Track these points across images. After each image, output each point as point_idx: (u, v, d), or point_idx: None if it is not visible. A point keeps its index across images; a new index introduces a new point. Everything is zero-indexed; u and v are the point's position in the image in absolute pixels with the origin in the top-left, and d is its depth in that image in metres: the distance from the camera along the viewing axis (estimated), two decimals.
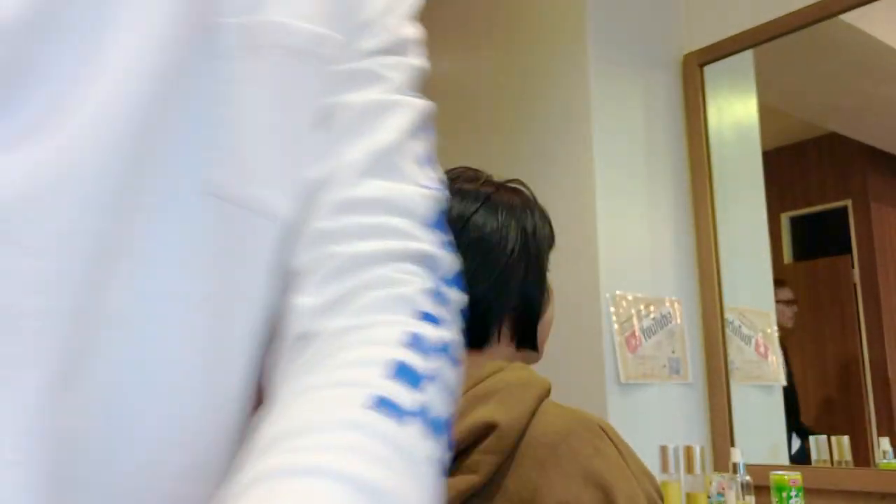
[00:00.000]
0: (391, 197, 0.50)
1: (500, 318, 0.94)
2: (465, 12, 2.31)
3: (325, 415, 0.41)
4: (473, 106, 2.23)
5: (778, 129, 2.30)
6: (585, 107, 1.93)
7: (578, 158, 1.92)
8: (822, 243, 2.25)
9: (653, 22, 2.14)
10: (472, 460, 0.82)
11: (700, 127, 2.11)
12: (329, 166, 0.50)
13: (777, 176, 2.22)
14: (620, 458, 0.84)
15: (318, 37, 0.50)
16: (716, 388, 1.99)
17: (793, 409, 2.10)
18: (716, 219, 2.07)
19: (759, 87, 2.21)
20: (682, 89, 2.16)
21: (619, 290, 1.87)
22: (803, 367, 2.14)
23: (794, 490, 1.61)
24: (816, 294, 2.19)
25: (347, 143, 0.51)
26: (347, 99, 0.52)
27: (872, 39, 2.02)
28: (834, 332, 2.13)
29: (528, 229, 0.96)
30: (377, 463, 0.39)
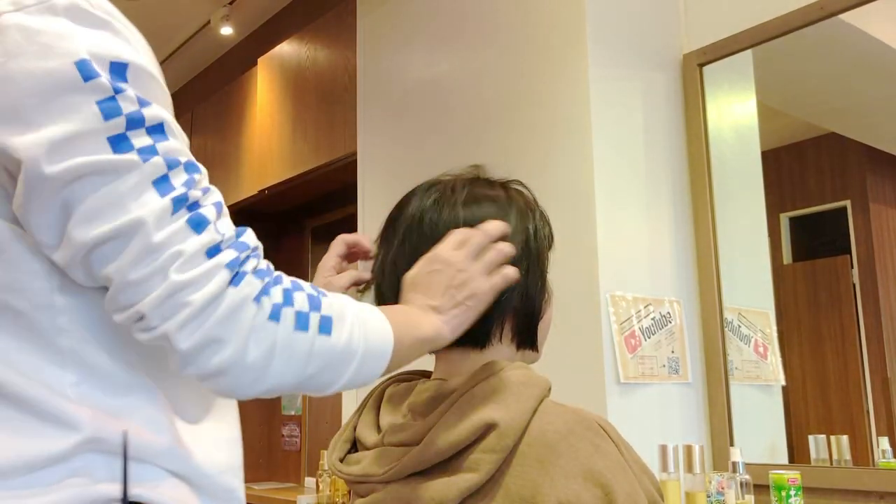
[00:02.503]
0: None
1: (500, 318, 0.94)
2: (465, 13, 2.31)
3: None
4: (473, 106, 2.23)
5: (777, 130, 2.30)
6: (584, 107, 1.93)
7: (578, 158, 1.92)
8: (821, 243, 2.26)
9: (652, 22, 2.14)
10: (472, 459, 0.82)
11: (699, 127, 2.11)
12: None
13: (776, 176, 2.23)
14: (621, 456, 0.84)
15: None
16: (715, 388, 2.00)
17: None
18: (715, 219, 2.07)
19: (759, 87, 2.21)
20: (681, 89, 2.16)
21: (618, 291, 1.87)
22: (802, 367, 2.14)
23: (794, 489, 1.61)
24: (816, 294, 2.19)
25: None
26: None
27: (872, 39, 2.02)
28: (833, 332, 2.13)
29: (529, 230, 0.96)
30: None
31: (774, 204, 2.20)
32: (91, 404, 0.67)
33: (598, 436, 0.85)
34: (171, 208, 0.63)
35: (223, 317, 0.63)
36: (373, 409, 0.97)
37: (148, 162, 0.63)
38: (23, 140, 0.61)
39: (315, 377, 0.69)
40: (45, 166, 0.60)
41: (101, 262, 0.63)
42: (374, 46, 2.66)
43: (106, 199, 0.61)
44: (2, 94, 0.61)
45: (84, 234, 0.62)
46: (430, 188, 0.97)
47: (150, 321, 0.63)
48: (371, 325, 0.73)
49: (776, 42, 2.00)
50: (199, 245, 0.63)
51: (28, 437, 0.65)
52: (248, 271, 0.65)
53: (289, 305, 0.67)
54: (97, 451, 0.67)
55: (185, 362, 0.64)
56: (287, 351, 0.66)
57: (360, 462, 0.91)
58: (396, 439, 0.88)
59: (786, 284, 2.23)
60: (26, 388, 0.66)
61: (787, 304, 2.20)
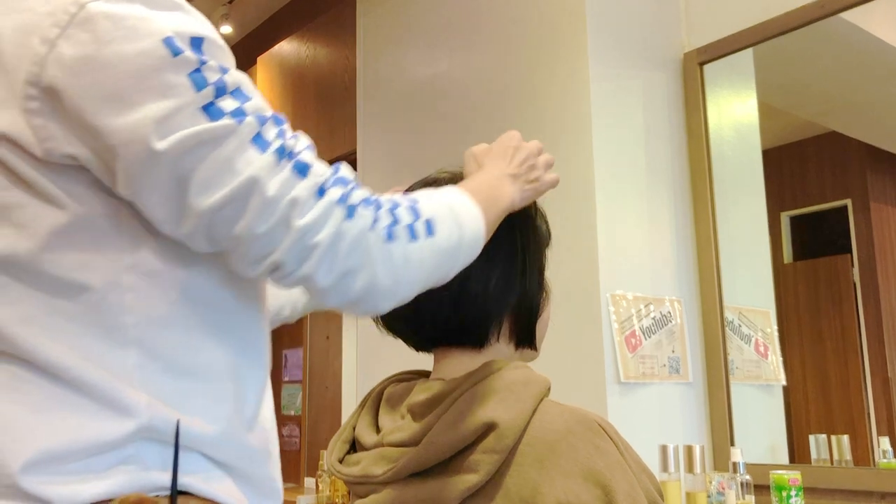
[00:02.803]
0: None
1: (499, 318, 0.93)
2: (465, 11, 2.30)
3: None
4: (473, 104, 2.22)
5: (778, 128, 2.30)
6: (585, 106, 1.92)
7: (578, 157, 1.92)
8: (821, 242, 2.25)
9: (653, 21, 2.13)
10: (472, 459, 0.82)
11: (700, 126, 2.10)
12: None
13: (777, 175, 2.22)
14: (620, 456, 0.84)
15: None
16: (715, 388, 1.99)
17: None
18: (715, 218, 2.06)
19: (759, 85, 2.21)
20: (681, 88, 2.16)
21: (618, 290, 1.87)
22: (803, 367, 2.14)
23: (794, 489, 1.61)
24: (816, 293, 2.19)
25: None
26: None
27: (872, 38, 2.02)
28: (834, 332, 2.13)
29: (527, 228, 0.96)
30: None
31: (775, 203, 2.19)
32: (148, 390, 0.68)
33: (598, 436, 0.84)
34: (276, 160, 0.67)
35: (350, 249, 0.69)
36: (371, 410, 0.97)
37: (242, 123, 0.66)
38: (126, 121, 0.63)
39: (434, 273, 0.77)
40: (155, 143, 0.63)
41: (225, 225, 0.66)
42: (374, 45, 2.66)
43: (215, 165, 0.65)
44: (100, 78, 0.63)
45: (204, 202, 0.65)
46: (426, 186, 0.97)
47: (287, 267, 0.68)
48: (462, 213, 0.80)
49: (777, 41, 1.99)
50: (307, 188, 0.67)
51: (85, 422, 0.66)
52: (357, 203, 0.70)
53: (397, 224, 0.73)
54: (150, 440, 0.68)
55: (327, 296, 0.70)
56: (408, 262, 0.73)
57: (360, 463, 0.90)
58: (395, 440, 0.88)
59: (786, 283, 2.23)
60: (88, 371, 0.67)
61: (787, 304, 2.19)
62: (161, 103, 0.63)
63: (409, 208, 0.75)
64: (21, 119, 0.64)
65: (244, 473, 0.74)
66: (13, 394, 0.66)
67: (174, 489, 0.68)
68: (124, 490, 0.66)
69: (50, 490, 0.64)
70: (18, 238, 0.66)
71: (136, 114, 0.63)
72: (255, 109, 0.68)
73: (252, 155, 0.66)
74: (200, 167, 0.64)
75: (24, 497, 0.64)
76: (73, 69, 0.63)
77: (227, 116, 0.65)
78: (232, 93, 0.67)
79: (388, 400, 0.96)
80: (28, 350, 0.66)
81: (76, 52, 0.63)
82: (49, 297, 0.67)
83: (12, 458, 0.64)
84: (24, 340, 0.66)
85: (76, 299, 0.67)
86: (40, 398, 0.66)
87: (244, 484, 0.74)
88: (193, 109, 0.64)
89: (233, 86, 0.68)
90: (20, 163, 0.65)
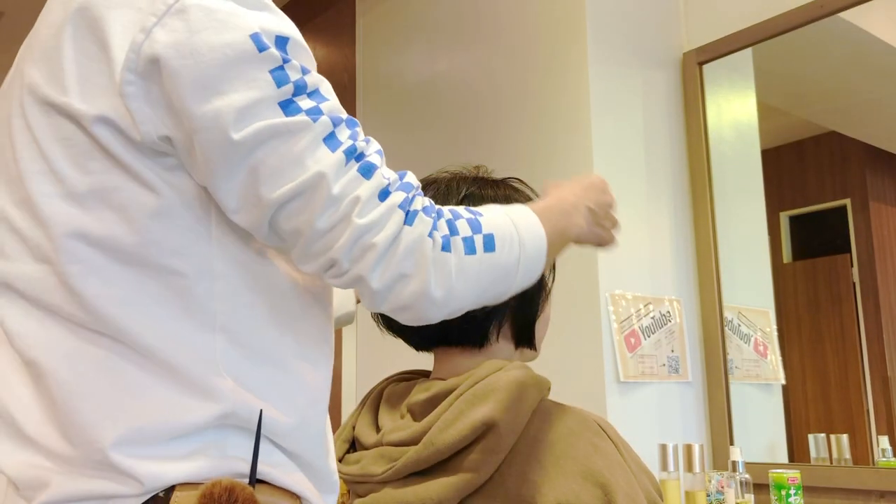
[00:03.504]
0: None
1: (498, 318, 0.94)
2: (464, 11, 2.31)
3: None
4: (472, 104, 2.22)
5: (777, 128, 2.30)
6: (584, 105, 1.92)
7: (577, 157, 1.92)
8: (821, 242, 2.25)
9: (652, 20, 2.14)
10: (471, 459, 0.82)
11: (699, 125, 2.11)
12: None
13: (776, 174, 2.22)
14: (620, 456, 0.84)
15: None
16: (715, 387, 1.99)
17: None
18: (715, 218, 2.07)
19: (759, 85, 2.21)
20: (681, 88, 2.16)
21: (618, 289, 1.87)
22: (802, 366, 2.14)
23: (794, 488, 1.61)
24: (815, 293, 2.19)
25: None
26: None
27: (872, 37, 2.02)
28: (833, 331, 2.13)
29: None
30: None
31: (774, 202, 2.19)
32: (233, 376, 0.70)
33: (598, 436, 0.85)
34: (344, 160, 0.69)
35: (405, 254, 0.70)
36: (371, 409, 0.97)
37: (317, 122, 0.69)
38: (208, 107, 0.65)
39: (489, 290, 0.77)
40: (233, 133, 0.66)
41: (288, 217, 0.68)
42: (374, 45, 2.66)
43: (286, 159, 0.67)
44: (188, 64, 0.66)
45: (271, 193, 0.67)
46: (427, 186, 0.97)
47: (341, 266, 0.69)
48: (525, 234, 0.80)
49: (776, 40, 1.99)
50: (371, 190, 0.69)
51: (174, 403, 0.68)
52: (418, 209, 0.72)
53: (455, 234, 0.73)
54: (231, 426, 0.70)
55: (379, 299, 0.71)
56: (463, 275, 0.73)
57: (359, 462, 0.90)
58: (395, 439, 0.88)
59: (786, 283, 2.23)
60: (178, 355, 0.68)
61: (787, 303, 2.20)
62: (242, 94, 0.66)
63: (470, 221, 0.76)
64: (120, 103, 0.67)
65: (312, 466, 0.76)
66: (107, 372, 0.68)
67: (253, 476, 0.69)
68: (205, 474, 0.67)
69: (139, 467, 0.65)
70: (117, 221, 0.68)
71: (217, 101, 0.65)
72: (331, 110, 0.70)
73: (322, 153, 0.68)
74: (272, 159, 0.67)
75: (113, 471, 0.66)
76: (165, 54, 0.65)
77: (302, 114, 0.68)
78: (310, 93, 0.70)
79: (388, 399, 0.96)
80: (123, 330, 0.68)
81: (169, 39, 0.66)
82: (144, 281, 0.69)
83: (104, 433, 0.66)
84: (120, 321, 0.68)
85: (169, 284, 0.69)
86: (132, 378, 0.68)
87: (312, 476, 0.76)
88: (272, 104, 0.67)
89: (312, 87, 0.70)
90: (119, 146, 0.68)
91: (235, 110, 0.66)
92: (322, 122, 0.69)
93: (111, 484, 0.66)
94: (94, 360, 0.68)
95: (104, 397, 0.67)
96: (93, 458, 0.66)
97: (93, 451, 0.66)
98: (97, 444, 0.66)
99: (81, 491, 0.66)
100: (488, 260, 0.75)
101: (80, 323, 0.68)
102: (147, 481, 0.65)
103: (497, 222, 0.78)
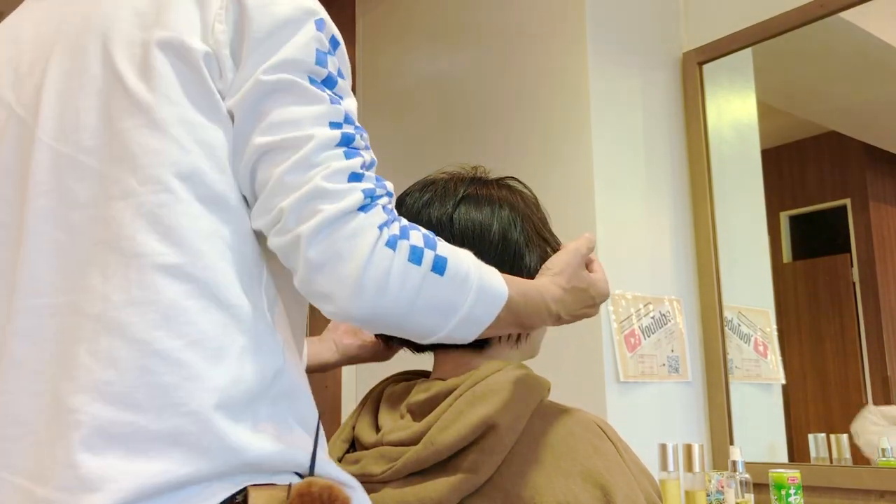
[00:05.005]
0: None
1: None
2: (465, 11, 2.31)
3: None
4: (472, 105, 2.22)
5: (777, 128, 2.30)
6: (584, 105, 1.92)
7: (577, 157, 1.92)
8: (821, 242, 2.25)
9: (652, 20, 2.14)
10: (471, 460, 0.82)
11: (699, 125, 2.11)
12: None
13: (776, 174, 2.22)
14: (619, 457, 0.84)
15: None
16: (715, 387, 1.99)
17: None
18: (715, 217, 2.07)
19: (759, 85, 2.21)
20: (681, 88, 2.16)
21: (617, 289, 1.87)
22: (802, 366, 2.14)
23: (794, 488, 1.61)
24: (815, 292, 2.19)
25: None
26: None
27: (872, 37, 2.02)
28: (833, 331, 2.13)
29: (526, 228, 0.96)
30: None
31: (774, 202, 2.19)
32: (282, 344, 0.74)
33: (597, 436, 0.85)
34: (338, 140, 0.72)
35: (349, 235, 0.69)
36: (371, 409, 0.97)
37: (333, 105, 0.73)
38: (262, 51, 0.72)
39: (423, 314, 0.72)
40: (262, 75, 0.71)
41: (265, 166, 0.71)
42: (374, 45, 2.66)
43: (289, 115, 0.71)
44: (262, 14, 0.72)
45: (261, 139, 0.71)
46: (425, 187, 0.97)
47: (287, 222, 0.69)
48: (487, 284, 0.76)
49: (776, 40, 1.99)
50: (345, 167, 0.71)
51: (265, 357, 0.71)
52: (379, 204, 0.72)
53: (405, 238, 0.72)
54: (282, 394, 0.73)
55: (309, 272, 0.70)
56: (399, 279, 0.70)
57: (359, 462, 0.90)
58: (395, 439, 0.88)
59: (786, 283, 2.23)
60: (246, 307, 0.71)
61: (787, 303, 2.20)
62: (288, 50, 0.72)
63: (426, 237, 0.74)
64: (214, 46, 0.73)
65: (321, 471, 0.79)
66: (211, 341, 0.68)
67: (314, 459, 0.71)
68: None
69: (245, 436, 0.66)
70: (203, 157, 0.71)
71: (268, 47, 0.72)
72: (349, 110, 0.75)
73: (323, 128, 0.71)
74: (278, 110, 0.71)
75: (220, 438, 0.64)
76: (248, 3, 0.73)
77: (325, 92, 0.73)
78: (335, 91, 0.75)
79: (387, 399, 0.96)
80: (209, 267, 0.69)
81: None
82: (221, 223, 0.71)
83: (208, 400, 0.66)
84: (206, 257, 0.69)
85: (237, 229, 0.72)
86: (226, 342, 0.68)
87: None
88: (304, 72, 0.73)
89: (339, 90, 0.76)
90: (216, 83, 0.73)
91: (277, 58, 0.71)
92: (337, 108, 0.73)
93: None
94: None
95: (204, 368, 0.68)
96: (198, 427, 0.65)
97: (199, 422, 0.65)
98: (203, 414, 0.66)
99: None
100: (433, 281, 0.71)
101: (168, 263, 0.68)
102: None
103: (459, 257, 0.75)
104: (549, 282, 0.86)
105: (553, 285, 0.86)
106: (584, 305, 0.89)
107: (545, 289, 0.84)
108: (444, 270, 0.72)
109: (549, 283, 0.86)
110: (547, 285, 0.85)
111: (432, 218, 0.93)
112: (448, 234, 0.91)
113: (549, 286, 0.85)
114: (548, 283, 0.85)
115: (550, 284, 0.85)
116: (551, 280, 0.86)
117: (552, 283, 0.86)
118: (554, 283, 0.86)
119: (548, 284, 0.85)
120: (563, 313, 0.86)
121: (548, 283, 0.85)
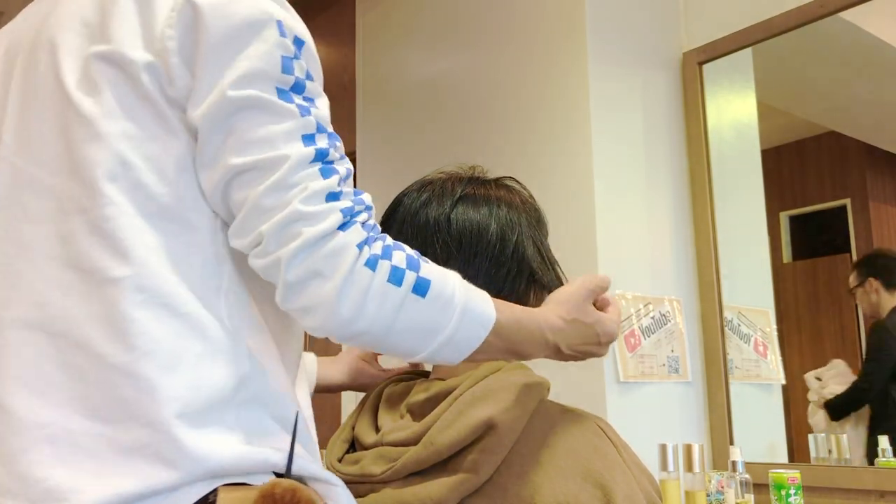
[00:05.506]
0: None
1: None
2: (464, 11, 2.30)
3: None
4: (472, 104, 2.22)
5: (777, 128, 2.30)
6: (584, 105, 1.92)
7: (577, 157, 1.92)
8: (821, 242, 2.25)
9: (651, 20, 2.13)
10: (471, 460, 0.82)
11: (699, 125, 2.10)
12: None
13: (776, 174, 2.22)
14: (619, 457, 0.84)
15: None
16: (715, 387, 1.99)
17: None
18: (715, 217, 2.06)
19: (758, 85, 2.21)
20: (680, 88, 2.16)
21: (617, 289, 1.87)
22: (802, 366, 2.14)
23: (794, 488, 1.61)
24: (816, 293, 2.19)
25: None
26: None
27: (872, 37, 2.02)
28: (833, 331, 2.13)
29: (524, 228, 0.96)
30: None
31: (774, 202, 2.19)
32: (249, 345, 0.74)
33: (597, 437, 0.85)
34: (312, 157, 0.71)
35: (328, 254, 0.69)
36: (371, 409, 0.97)
37: (303, 117, 0.72)
38: (222, 65, 0.70)
39: (400, 336, 0.72)
40: (230, 90, 0.70)
41: (240, 187, 0.70)
42: (374, 45, 2.66)
43: (261, 134, 0.70)
44: (219, 24, 0.70)
45: (235, 159, 0.70)
46: (423, 187, 0.97)
47: (267, 246, 0.69)
48: (473, 311, 0.75)
49: (776, 40, 1.99)
50: (322, 187, 0.70)
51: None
52: (358, 221, 0.72)
53: (386, 259, 0.71)
54: (249, 401, 0.72)
55: (290, 293, 0.70)
56: (377, 299, 0.70)
57: (359, 462, 0.90)
58: (394, 439, 0.88)
59: (786, 283, 2.23)
60: (203, 312, 0.71)
61: (787, 303, 2.20)
62: (252, 62, 0.70)
63: (410, 258, 0.73)
64: (162, 56, 0.71)
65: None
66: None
67: (290, 459, 0.71)
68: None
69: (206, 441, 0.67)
70: (150, 170, 0.71)
71: (231, 60, 0.70)
72: (320, 118, 0.74)
73: (296, 144, 0.70)
74: (250, 129, 0.70)
75: (179, 448, 0.65)
76: (203, 9, 0.71)
77: (294, 105, 0.72)
78: (306, 97, 0.74)
79: (387, 399, 0.96)
80: (155, 274, 0.70)
81: (205, 3, 0.71)
82: (171, 234, 0.72)
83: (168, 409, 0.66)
84: (155, 267, 0.69)
85: (189, 241, 0.72)
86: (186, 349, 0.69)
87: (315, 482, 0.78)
88: (271, 83, 0.71)
89: (310, 93, 0.74)
90: (160, 95, 0.71)
91: (242, 71, 0.70)
92: (307, 120, 0.72)
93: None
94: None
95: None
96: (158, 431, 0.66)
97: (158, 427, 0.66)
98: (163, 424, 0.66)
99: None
100: (412, 302, 0.71)
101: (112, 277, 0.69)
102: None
103: (445, 279, 0.73)
104: (549, 311, 0.84)
105: (553, 315, 0.83)
106: (588, 342, 0.86)
107: (543, 318, 0.82)
108: (426, 292, 0.71)
109: (549, 313, 0.84)
110: (546, 314, 0.83)
111: (430, 218, 0.93)
112: (446, 234, 0.91)
113: (548, 315, 0.83)
114: (547, 313, 0.84)
115: (550, 314, 0.83)
116: (552, 309, 0.84)
117: (552, 313, 0.84)
118: (554, 312, 0.84)
119: (547, 314, 0.83)
120: (562, 346, 0.84)
121: (547, 313, 0.84)
